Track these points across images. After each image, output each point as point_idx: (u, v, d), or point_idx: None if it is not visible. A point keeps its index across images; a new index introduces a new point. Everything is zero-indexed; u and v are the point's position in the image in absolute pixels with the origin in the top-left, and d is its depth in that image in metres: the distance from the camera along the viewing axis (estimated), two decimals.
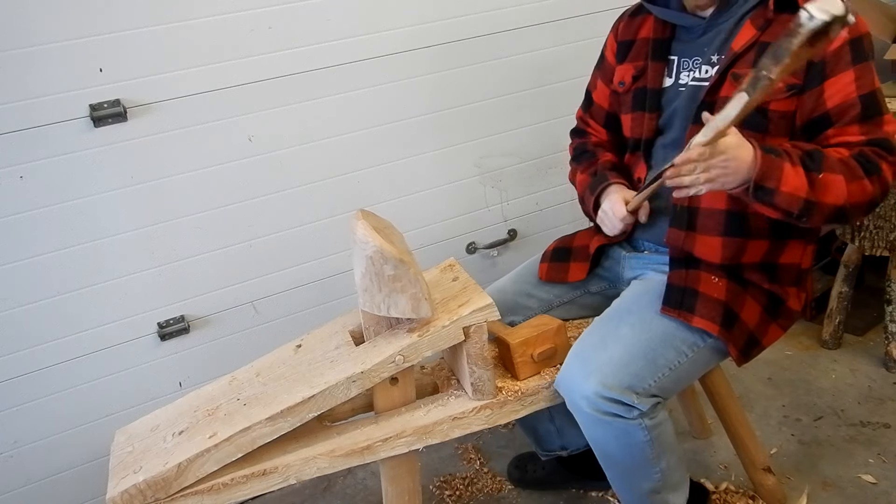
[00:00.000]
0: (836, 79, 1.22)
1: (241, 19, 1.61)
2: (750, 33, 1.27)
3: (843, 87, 1.22)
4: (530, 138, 2.09)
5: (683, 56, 1.37)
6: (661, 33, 1.39)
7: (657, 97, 1.39)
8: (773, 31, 1.25)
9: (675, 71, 1.38)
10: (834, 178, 1.18)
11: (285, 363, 1.37)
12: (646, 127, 1.41)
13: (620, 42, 1.49)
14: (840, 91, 1.22)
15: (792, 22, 1.02)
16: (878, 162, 1.20)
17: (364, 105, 1.82)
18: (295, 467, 1.25)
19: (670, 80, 1.38)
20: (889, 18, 2.25)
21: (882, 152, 1.21)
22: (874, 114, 1.22)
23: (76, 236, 1.58)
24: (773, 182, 1.16)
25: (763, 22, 1.26)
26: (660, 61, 1.39)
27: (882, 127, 1.23)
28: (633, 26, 1.47)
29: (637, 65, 1.43)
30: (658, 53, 1.39)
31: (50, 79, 1.46)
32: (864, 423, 1.87)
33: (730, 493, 1.69)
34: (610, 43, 1.53)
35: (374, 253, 1.17)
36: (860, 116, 1.22)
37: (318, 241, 1.86)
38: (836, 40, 1.20)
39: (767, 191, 1.17)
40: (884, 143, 1.22)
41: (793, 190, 1.16)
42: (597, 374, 1.24)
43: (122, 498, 1.17)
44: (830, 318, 2.17)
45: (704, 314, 1.29)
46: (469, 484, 1.85)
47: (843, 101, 1.22)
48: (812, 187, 1.17)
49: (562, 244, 1.57)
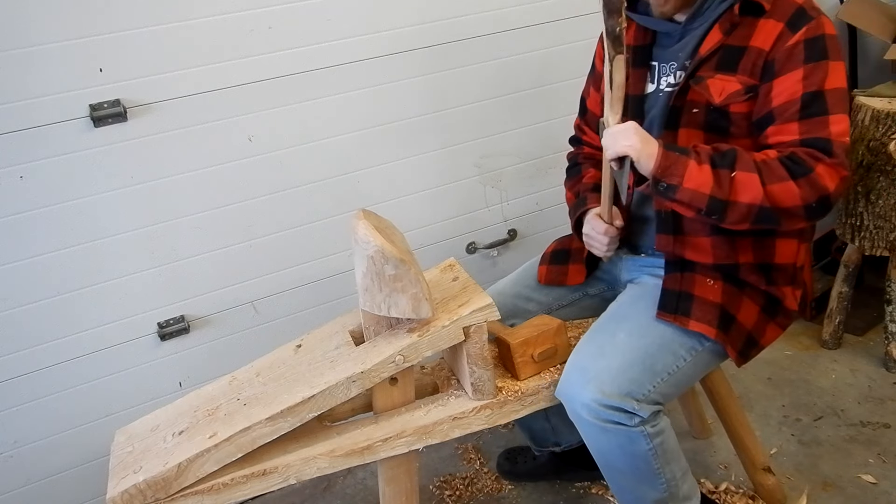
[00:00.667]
0: (784, 77, 1.21)
1: (241, 19, 1.61)
2: (716, 38, 1.26)
3: (789, 85, 1.20)
4: (530, 138, 2.09)
5: (662, 61, 1.37)
6: (643, 40, 1.39)
7: (639, 104, 1.39)
8: (738, 35, 1.25)
9: (656, 76, 1.38)
10: (748, 176, 1.16)
11: (285, 363, 1.37)
12: None
13: None
14: (786, 90, 1.21)
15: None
16: (808, 163, 1.16)
17: (364, 105, 1.82)
18: (295, 467, 1.25)
19: (652, 85, 1.38)
20: (889, 18, 2.25)
21: (817, 153, 1.17)
22: (816, 112, 1.18)
23: (76, 236, 1.58)
24: (675, 179, 1.17)
25: (729, 26, 1.26)
26: (641, 67, 1.39)
27: (826, 127, 1.18)
28: None
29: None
30: (639, 60, 1.39)
31: (50, 79, 1.46)
32: (864, 423, 1.87)
33: (730, 493, 1.69)
34: (598, 51, 1.55)
35: (375, 253, 1.17)
36: (800, 114, 1.19)
37: (318, 241, 1.86)
38: (792, 38, 1.20)
39: (670, 187, 1.18)
40: (820, 142, 1.18)
41: (696, 186, 1.16)
42: (595, 383, 1.24)
43: (122, 498, 1.17)
44: (830, 318, 2.17)
45: (701, 317, 1.29)
46: (469, 484, 1.85)
47: (787, 99, 1.20)
48: (719, 185, 1.16)
49: (560, 246, 1.57)
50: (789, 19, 1.21)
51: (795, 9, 1.22)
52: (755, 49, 1.24)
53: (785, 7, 1.23)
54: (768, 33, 1.23)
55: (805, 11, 1.22)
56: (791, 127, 1.20)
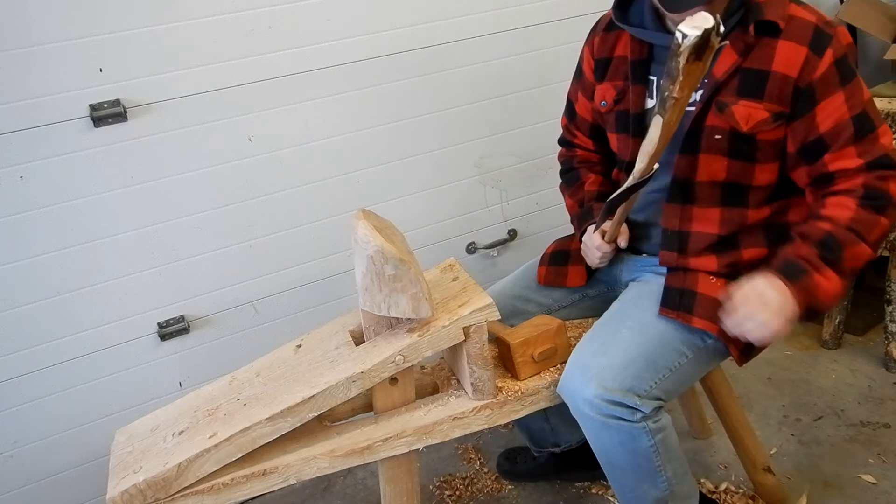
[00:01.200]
0: (826, 102, 1.20)
1: (241, 19, 1.61)
2: (731, 59, 1.23)
3: (834, 109, 1.20)
4: (530, 138, 2.09)
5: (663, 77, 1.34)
6: (639, 54, 1.35)
7: (640, 121, 1.37)
8: (756, 57, 1.22)
9: (655, 92, 1.35)
10: (855, 249, 1.19)
11: (285, 363, 1.37)
12: (631, 151, 1.38)
13: (597, 60, 1.44)
14: (832, 114, 1.21)
15: (671, 44, 1.06)
16: (883, 189, 1.20)
17: (364, 105, 1.82)
18: (295, 467, 1.25)
19: (652, 101, 1.36)
20: (889, 18, 2.25)
21: (885, 172, 1.20)
22: (868, 131, 1.21)
23: (76, 236, 1.58)
24: (813, 302, 1.19)
25: (744, 46, 1.22)
26: (640, 84, 1.35)
27: (878, 141, 1.21)
28: (609, 43, 1.42)
29: (616, 84, 1.40)
30: (638, 76, 1.35)
31: (50, 79, 1.46)
32: (864, 423, 1.87)
33: (730, 493, 1.69)
34: (587, 58, 1.49)
35: (374, 253, 1.17)
36: (854, 137, 1.20)
37: (318, 241, 1.86)
38: (822, 63, 1.19)
39: (812, 310, 1.20)
40: (884, 160, 1.21)
41: (832, 294, 1.19)
42: (597, 378, 1.24)
43: (123, 498, 1.17)
44: (830, 318, 2.17)
45: (703, 314, 1.29)
46: (469, 484, 1.85)
47: (835, 123, 1.21)
48: (843, 274, 1.19)
49: (560, 247, 1.56)
50: (811, 42, 1.19)
51: (813, 29, 1.20)
52: (780, 74, 1.21)
53: (801, 27, 1.21)
54: (791, 58, 1.20)
55: (822, 30, 1.20)
56: (849, 151, 1.21)
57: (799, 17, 1.22)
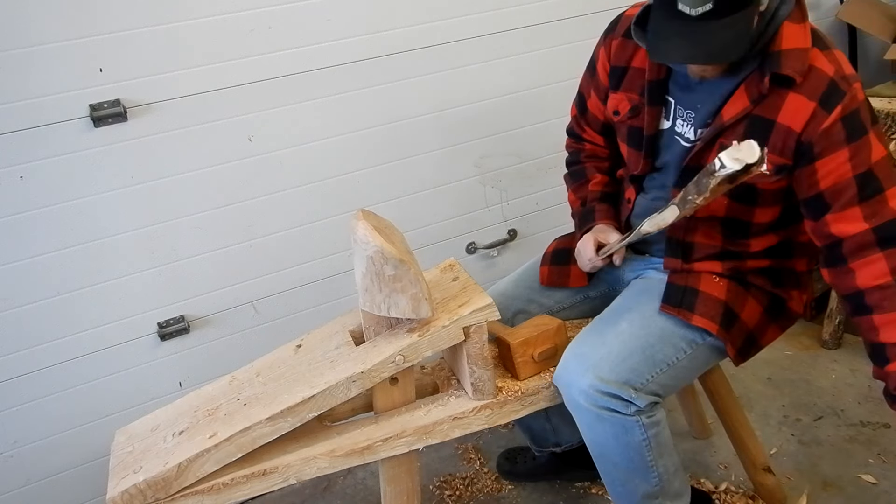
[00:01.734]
0: (828, 159, 1.15)
1: (241, 19, 1.61)
2: (742, 104, 1.20)
3: (835, 167, 1.16)
4: (530, 138, 2.09)
5: (679, 104, 1.31)
6: (657, 74, 1.31)
7: (653, 141, 1.35)
8: (766, 106, 1.18)
9: (672, 114, 1.32)
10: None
11: (285, 363, 1.37)
12: (641, 165, 1.38)
13: (614, 67, 1.39)
14: (832, 172, 1.16)
15: (710, 163, 1.07)
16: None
17: (364, 105, 1.82)
18: (295, 467, 1.25)
19: (668, 122, 1.33)
20: (889, 18, 2.25)
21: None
22: (874, 192, 1.15)
23: (76, 236, 1.58)
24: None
25: (757, 95, 1.18)
26: (656, 106, 1.32)
27: (887, 204, 1.16)
28: (627, 51, 1.36)
29: (632, 98, 1.36)
30: (655, 97, 1.32)
31: (50, 79, 1.46)
32: (864, 423, 1.87)
33: (730, 493, 1.69)
34: (602, 60, 1.42)
35: (374, 253, 1.17)
36: (858, 197, 1.16)
37: (318, 241, 1.86)
38: (829, 119, 1.14)
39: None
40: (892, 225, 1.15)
41: None
42: (594, 369, 1.25)
43: (123, 498, 1.17)
44: (830, 318, 2.17)
45: (704, 312, 1.29)
46: (469, 484, 1.85)
47: (836, 181, 1.16)
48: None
49: (561, 245, 1.56)
50: (821, 97, 1.14)
51: (827, 84, 1.15)
52: (783, 127, 1.17)
53: (816, 81, 1.15)
54: (797, 111, 1.16)
55: (837, 85, 1.15)
56: (853, 213, 1.16)
57: (817, 69, 1.16)
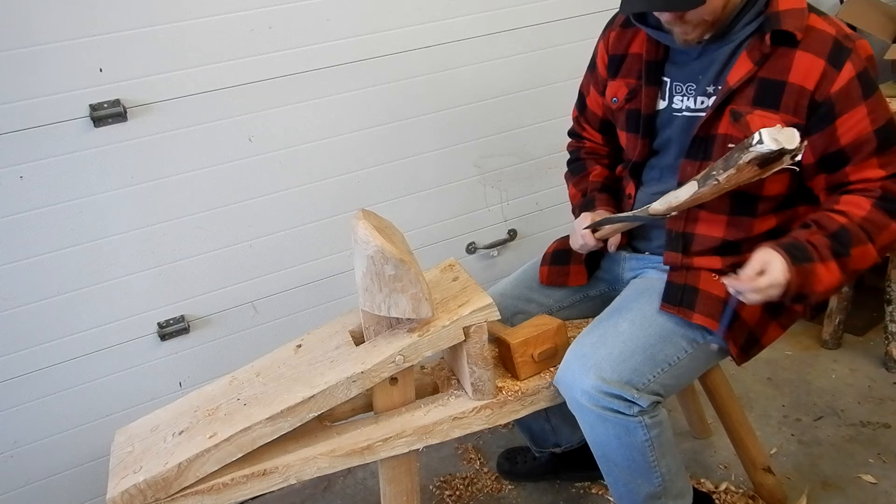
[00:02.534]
0: (848, 115, 1.19)
1: (241, 19, 1.61)
2: (746, 67, 1.22)
3: (856, 123, 1.19)
4: (530, 138, 2.09)
5: (676, 80, 1.33)
6: (654, 54, 1.34)
7: (651, 121, 1.37)
8: (771, 67, 1.21)
9: (668, 94, 1.34)
10: (864, 249, 1.18)
11: (285, 363, 1.37)
12: (639, 151, 1.39)
13: (612, 55, 1.43)
14: (853, 127, 1.20)
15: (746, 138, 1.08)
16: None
17: (364, 105, 1.82)
18: (295, 467, 1.25)
19: (664, 102, 1.35)
20: (889, 18, 2.25)
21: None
22: (889, 144, 1.21)
23: (76, 236, 1.58)
24: (807, 288, 1.17)
25: (760, 56, 1.21)
26: (653, 85, 1.35)
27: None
28: (625, 39, 1.41)
29: (629, 82, 1.39)
30: (652, 77, 1.35)
31: (50, 79, 1.46)
32: (864, 423, 1.87)
33: (730, 493, 1.69)
34: (601, 53, 1.47)
35: (375, 253, 1.17)
36: (877, 150, 1.20)
37: (318, 241, 1.86)
38: (843, 77, 1.18)
39: (802, 296, 1.18)
40: None
41: (827, 286, 1.18)
42: (595, 370, 1.25)
43: (123, 498, 1.17)
44: (830, 318, 2.17)
45: (704, 311, 1.29)
46: (469, 484, 1.85)
47: (857, 136, 1.20)
48: (845, 272, 1.18)
49: (561, 246, 1.56)
50: (829, 55, 1.18)
51: (832, 42, 1.18)
52: (796, 87, 1.20)
53: (820, 39, 1.19)
54: (808, 70, 1.19)
55: (841, 43, 1.18)
56: (871, 163, 1.21)
57: (818, 29, 1.20)
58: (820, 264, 1.17)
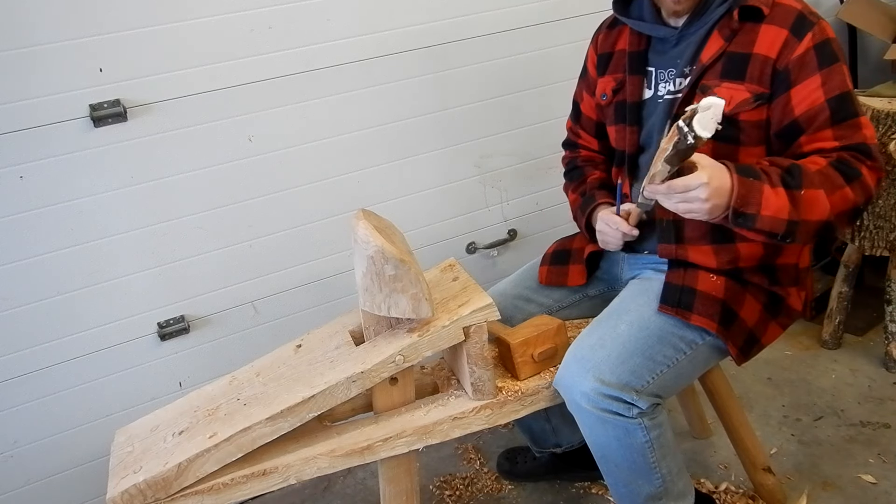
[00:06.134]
0: (802, 85, 1.21)
1: (241, 19, 1.61)
2: (717, 44, 1.26)
3: (809, 92, 1.20)
4: (530, 138, 2.09)
5: (659, 68, 1.37)
6: (637, 45, 1.39)
7: (637, 110, 1.39)
8: (739, 41, 1.25)
9: (653, 82, 1.37)
10: (815, 193, 1.15)
11: (285, 363, 1.37)
12: (628, 141, 1.41)
13: (600, 55, 1.49)
14: (807, 97, 1.21)
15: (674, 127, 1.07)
16: (856, 165, 1.18)
17: (364, 105, 1.82)
18: (295, 467, 1.25)
19: (650, 91, 1.38)
20: (889, 18, 2.25)
21: (861, 157, 1.19)
22: (847, 116, 1.20)
23: (76, 236, 1.58)
24: (752, 207, 1.13)
25: (729, 32, 1.26)
26: (637, 74, 1.39)
27: (859, 130, 1.20)
28: (611, 38, 1.47)
29: (616, 77, 1.43)
30: (635, 66, 1.38)
31: (50, 79, 1.46)
32: (864, 423, 1.87)
33: (730, 493, 1.69)
34: (591, 55, 1.53)
35: (375, 253, 1.17)
36: (831, 120, 1.20)
37: (318, 241, 1.86)
38: (801, 46, 1.20)
39: (748, 216, 1.14)
40: (861, 147, 1.19)
41: (774, 213, 1.14)
42: (594, 372, 1.25)
43: (123, 498, 1.17)
44: (830, 318, 2.17)
45: (702, 312, 1.29)
46: (469, 484, 1.85)
47: (810, 106, 1.21)
48: (795, 207, 1.14)
49: (561, 246, 1.57)
50: (792, 26, 1.22)
51: (796, 15, 1.23)
52: (760, 56, 1.23)
53: (785, 13, 1.23)
54: (772, 40, 1.22)
55: (805, 17, 1.22)
56: (825, 134, 1.20)
57: (784, 4, 1.25)
58: (768, 185, 1.14)
